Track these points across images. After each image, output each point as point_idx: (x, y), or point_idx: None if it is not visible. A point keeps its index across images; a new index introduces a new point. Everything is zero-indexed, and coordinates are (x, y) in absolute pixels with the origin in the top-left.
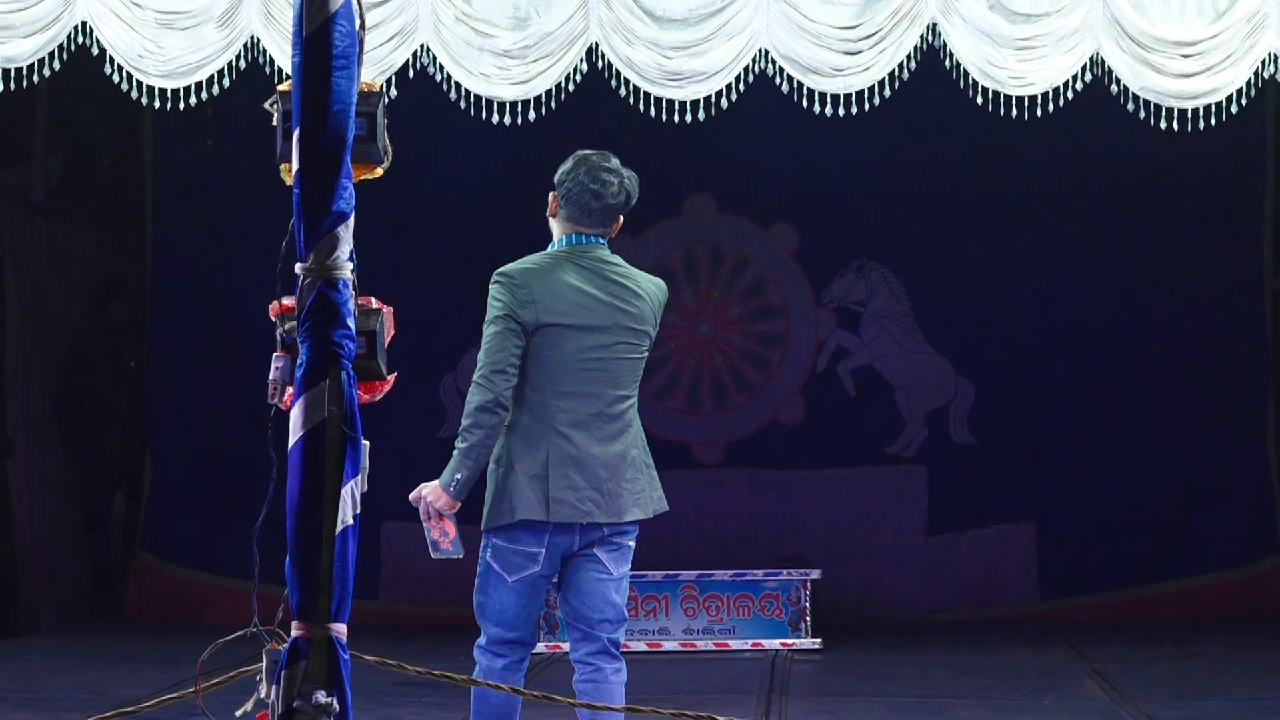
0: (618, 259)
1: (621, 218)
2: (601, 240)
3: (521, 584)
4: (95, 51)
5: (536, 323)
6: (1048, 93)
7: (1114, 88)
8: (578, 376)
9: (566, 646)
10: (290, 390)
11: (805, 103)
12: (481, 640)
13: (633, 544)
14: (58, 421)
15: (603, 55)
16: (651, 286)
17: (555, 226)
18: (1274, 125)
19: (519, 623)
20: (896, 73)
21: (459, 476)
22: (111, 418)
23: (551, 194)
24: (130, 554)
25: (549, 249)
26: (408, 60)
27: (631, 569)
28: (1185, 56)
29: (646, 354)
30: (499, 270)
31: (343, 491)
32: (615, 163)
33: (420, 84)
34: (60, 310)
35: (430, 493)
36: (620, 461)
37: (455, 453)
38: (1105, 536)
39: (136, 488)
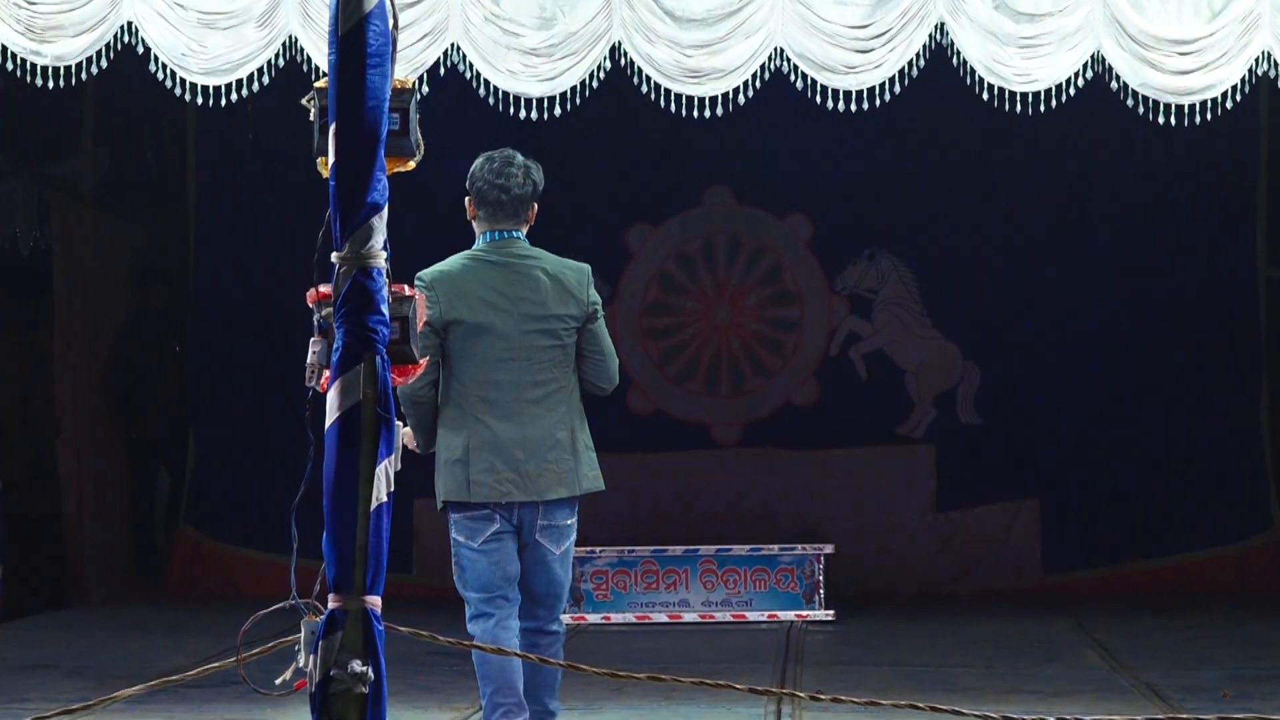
0: (534, 251)
1: (535, 205)
2: (517, 234)
3: (487, 544)
4: (140, 50)
5: (443, 321)
6: (1051, 89)
7: (1114, 84)
8: (492, 367)
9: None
10: (327, 373)
11: (819, 99)
12: (469, 611)
13: (570, 522)
14: (105, 402)
15: (625, 54)
16: (563, 269)
17: (475, 227)
18: (1267, 120)
19: (495, 582)
20: (906, 70)
21: (419, 439)
22: (156, 399)
23: (467, 199)
24: (174, 529)
25: (471, 248)
26: (439, 58)
27: (653, 546)
28: (1182, 54)
29: (569, 341)
30: (417, 274)
31: (377, 470)
32: (518, 158)
33: (451, 81)
34: (107, 297)
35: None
36: (541, 444)
37: None
38: (1105, 513)
39: (180, 466)
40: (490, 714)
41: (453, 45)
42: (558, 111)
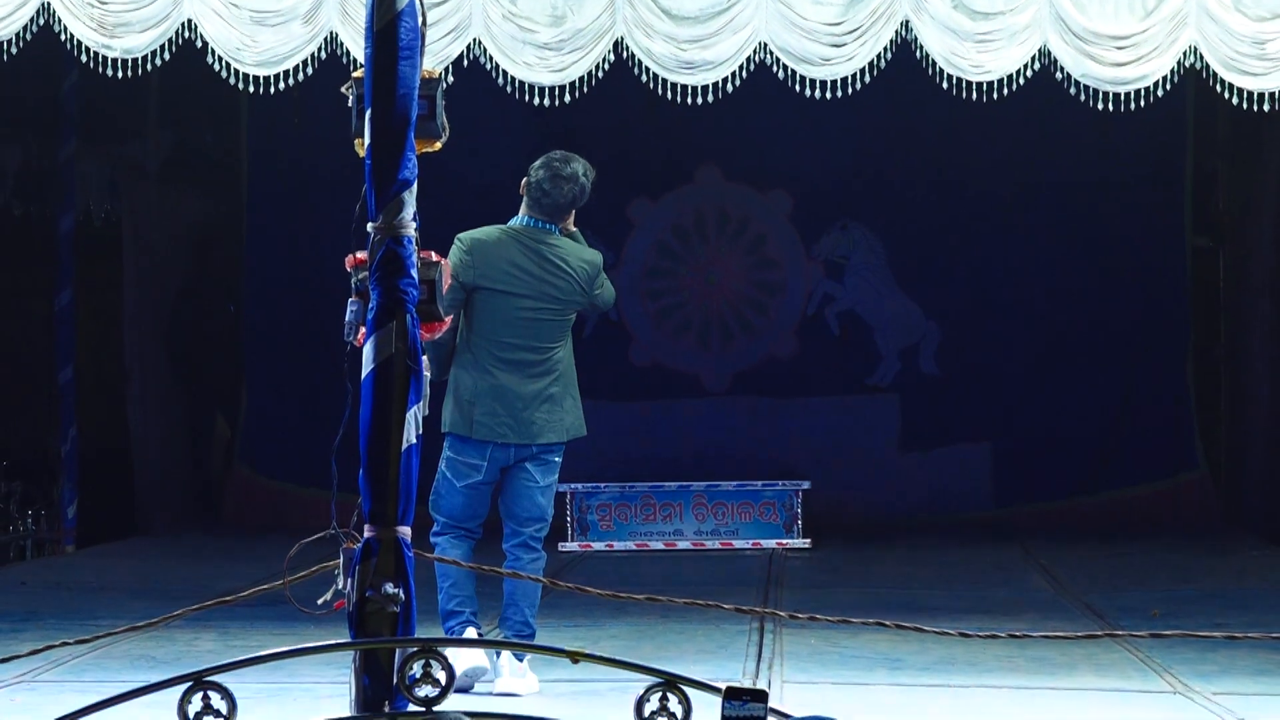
0: (561, 241)
1: (574, 210)
2: (550, 226)
3: (467, 489)
4: (199, 44)
5: (473, 284)
6: (1003, 79)
7: (1059, 75)
8: (508, 329)
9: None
10: (363, 330)
11: (798, 88)
12: (435, 528)
13: (557, 460)
14: (168, 355)
15: (627, 47)
16: (581, 264)
17: (521, 205)
18: (1193, 107)
19: (465, 518)
20: (875, 62)
21: (432, 369)
22: (213, 352)
23: (524, 179)
24: (229, 467)
25: (510, 222)
26: (462, 52)
27: (650, 482)
28: (1119, 48)
29: (572, 316)
30: (459, 234)
31: (408, 415)
32: (573, 168)
33: (473, 72)
34: (169, 262)
35: None
36: (537, 397)
37: None
38: (1050, 453)
39: (234, 411)
40: (446, 620)
41: (475, 40)
42: (567, 99)
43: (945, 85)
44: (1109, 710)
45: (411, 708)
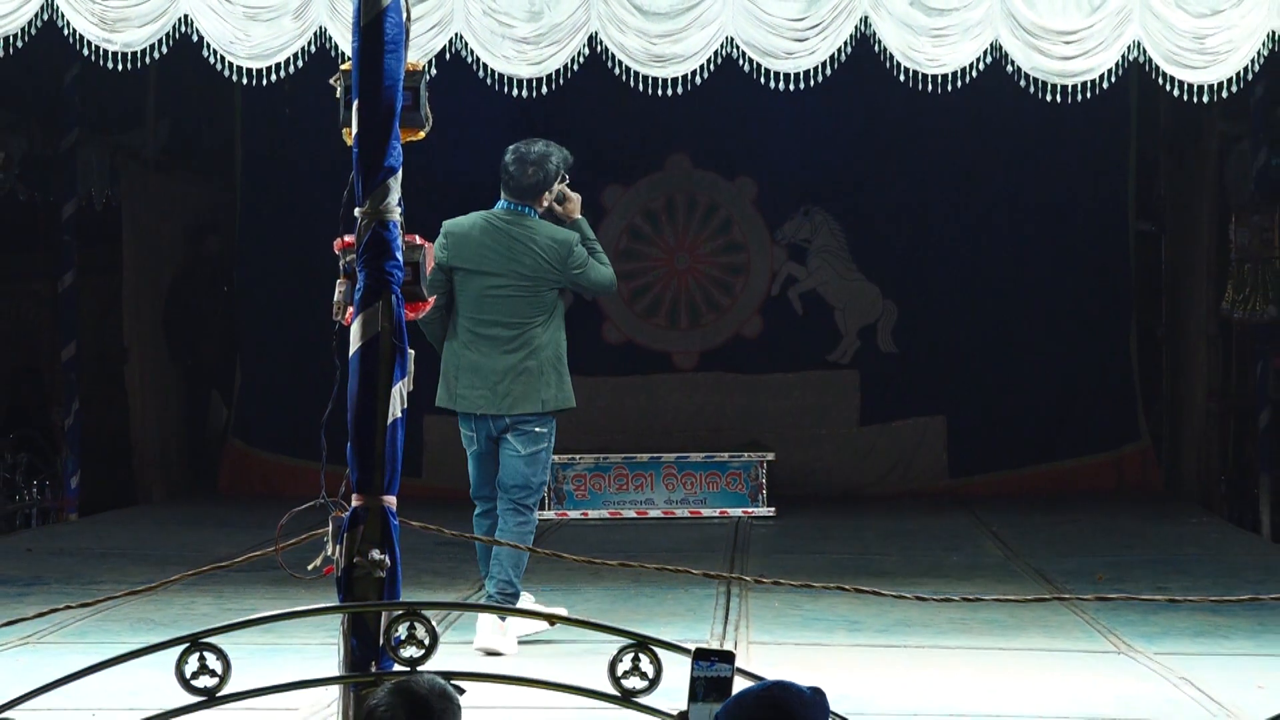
0: (534, 222)
1: (548, 190)
2: (524, 208)
3: (472, 458)
4: (195, 39)
5: (449, 264)
6: (957, 72)
7: (1010, 68)
8: (481, 306)
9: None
10: (350, 309)
11: (763, 80)
12: None
13: (540, 430)
14: (166, 334)
15: (601, 42)
16: (550, 243)
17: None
18: (1136, 99)
19: (478, 485)
20: (836, 56)
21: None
22: (209, 331)
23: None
24: (224, 440)
25: (491, 208)
26: (445, 45)
27: (624, 453)
28: (1066, 43)
29: (549, 294)
30: (444, 221)
31: (393, 390)
32: (537, 151)
33: (454, 64)
34: (166, 246)
35: None
36: (510, 371)
37: None
38: (1001, 426)
39: (229, 387)
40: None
41: (456, 34)
42: (544, 90)
43: (902, 78)
44: (1057, 669)
45: (396, 668)
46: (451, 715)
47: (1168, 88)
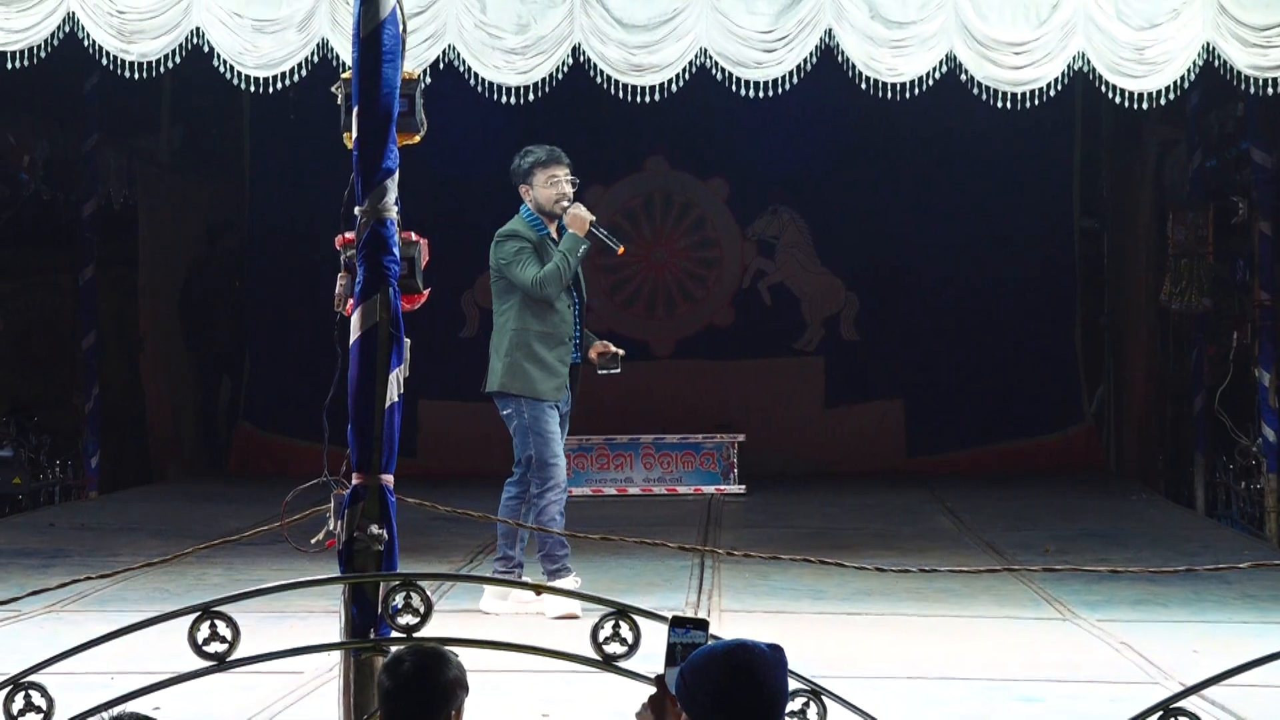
0: (515, 218)
1: (523, 186)
2: (520, 207)
3: None
4: (206, 50)
5: None
6: (914, 80)
7: (964, 77)
8: None
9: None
10: (351, 301)
11: (734, 88)
12: None
13: (505, 411)
14: (181, 325)
15: (584, 53)
16: (495, 237)
17: None
18: (1080, 106)
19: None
20: (803, 65)
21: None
22: (221, 322)
23: None
24: (234, 423)
25: None
26: (439, 56)
27: (605, 435)
28: (1016, 54)
29: (498, 282)
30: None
31: (390, 377)
32: (522, 151)
33: (448, 73)
34: (180, 242)
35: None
36: (491, 353)
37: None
38: (956, 409)
39: (239, 374)
40: None
41: (449, 45)
42: (531, 97)
43: (864, 86)
44: (1006, 635)
45: (394, 634)
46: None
47: (1110, 95)
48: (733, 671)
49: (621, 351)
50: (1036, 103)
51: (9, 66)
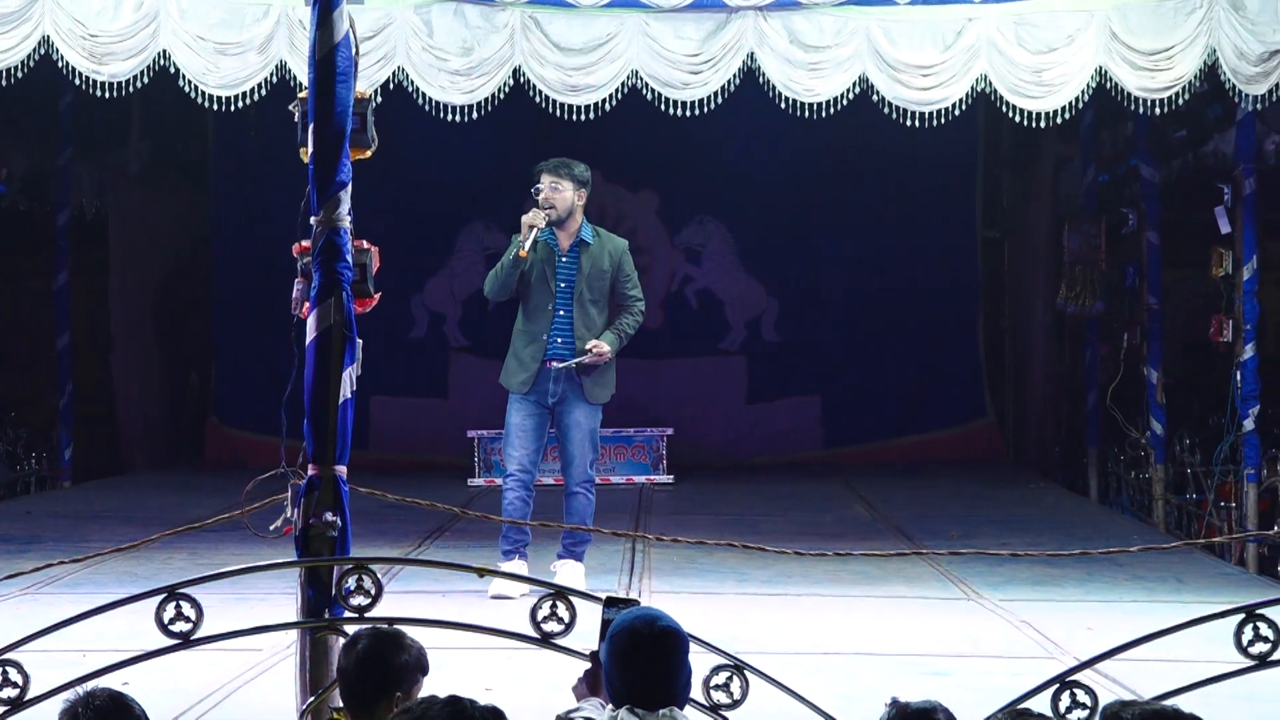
0: None
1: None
2: None
3: None
4: (173, 71)
5: None
6: (830, 100)
7: (875, 97)
8: None
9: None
10: (307, 305)
11: (664, 107)
12: None
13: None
14: (155, 326)
15: (524, 74)
16: None
17: None
18: (984, 124)
19: None
20: (726, 86)
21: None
22: (189, 324)
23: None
24: (202, 418)
25: None
26: (389, 76)
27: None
28: (924, 76)
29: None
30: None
31: (344, 375)
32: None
33: (398, 93)
34: (149, 250)
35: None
36: None
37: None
38: (869, 404)
39: (207, 372)
40: None
41: (399, 67)
42: (474, 115)
43: (783, 105)
44: (916, 613)
45: (346, 614)
46: None
47: (1010, 114)
48: (633, 633)
49: (584, 360)
50: (942, 122)
51: None
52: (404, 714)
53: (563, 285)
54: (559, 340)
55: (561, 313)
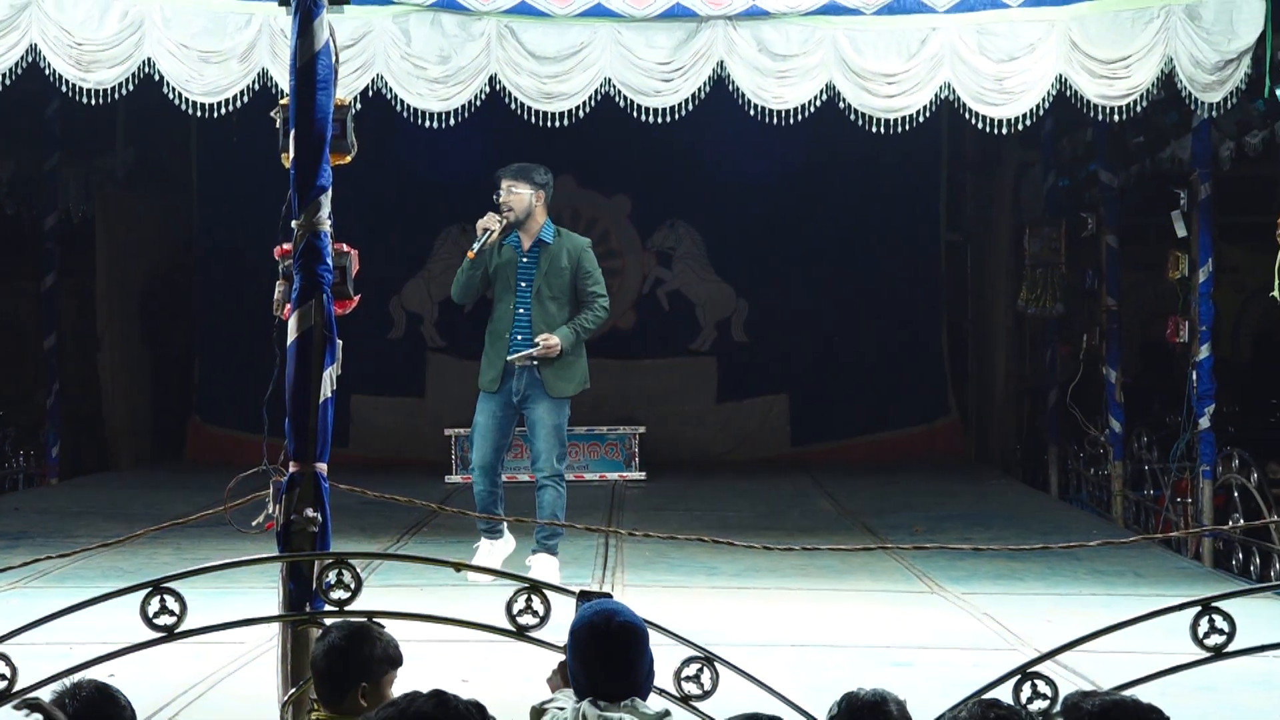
0: None
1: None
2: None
3: None
4: (157, 78)
5: None
6: (797, 107)
7: (842, 105)
8: None
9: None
10: (289, 306)
11: (636, 114)
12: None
13: None
14: (142, 327)
15: (500, 82)
16: None
17: None
18: (947, 130)
19: None
20: (697, 94)
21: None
22: (175, 325)
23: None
24: (186, 417)
25: None
26: (368, 84)
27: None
28: (889, 84)
29: None
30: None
31: (324, 374)
32: None
33: (377, 100)
34: (135, 253)
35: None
36: None
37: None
38: (835, 403)
39: (190, 372)
40: None
41: (378, 75)
42: (452, 122)
43: (753, 113)
44: (881, 606)
45: (327, 607)
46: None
47: (973, 121)
48: (592, 628)
49: (532, 352)
50: (907, 128)
51: None
52: (389, 708)
53: (523, 284)
54: (519, 337)
55: (521, 310)
